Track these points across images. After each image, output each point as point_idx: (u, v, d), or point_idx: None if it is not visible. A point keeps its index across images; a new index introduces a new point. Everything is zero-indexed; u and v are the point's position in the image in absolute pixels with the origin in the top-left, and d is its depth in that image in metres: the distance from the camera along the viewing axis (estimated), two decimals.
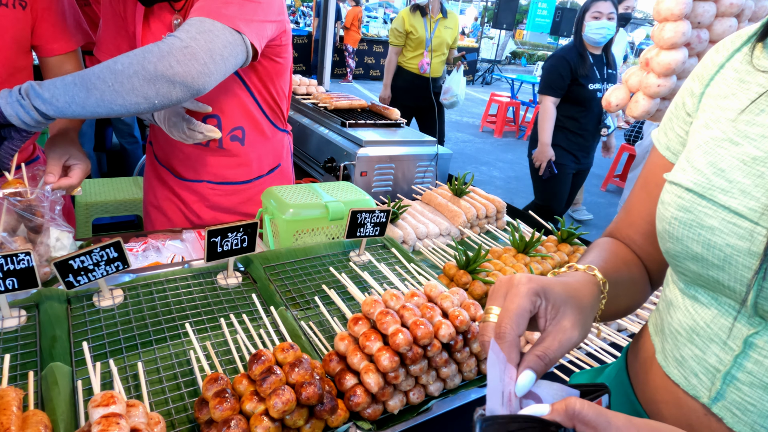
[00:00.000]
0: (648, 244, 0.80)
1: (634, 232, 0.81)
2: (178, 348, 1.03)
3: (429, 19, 4.39)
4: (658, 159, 0.76)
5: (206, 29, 1.16)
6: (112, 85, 1.06)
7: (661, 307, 0.73)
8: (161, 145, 1.61)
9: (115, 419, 0.73)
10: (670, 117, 0.74)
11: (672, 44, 0.91)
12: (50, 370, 0.90)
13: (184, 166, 1.60)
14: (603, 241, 0.83)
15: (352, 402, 0.91)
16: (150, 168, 1.67)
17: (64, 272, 1.02)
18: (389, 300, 1.03)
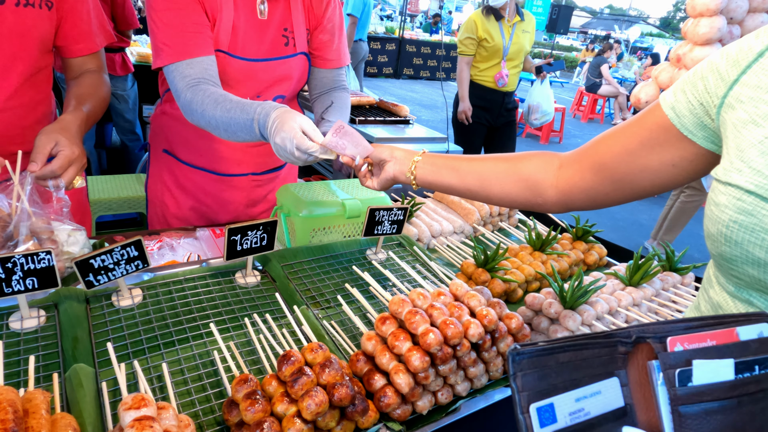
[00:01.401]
0: (594, 172, 0.85)
1: (587, 158, 0.87)
2: (201, 348, 1.02)
3: (505, 23, 3.72)
4: (657, 113, 0.74)
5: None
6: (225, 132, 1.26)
7: (705, 309, 0.72)
8: (193, 146, 1.58)
9: (148, 422, 0.72)
10: (685, 80, 0.72)
11: (707, 40, 0.90)
12: (74, 371, 0.89)
13: (226, 163, 1.60)
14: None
15: (382, 403, 0.90)
16: (165, 169, 1.63)
17: (84, 271, 1.00)
18: (416, 299, 1.01)
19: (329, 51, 1.58)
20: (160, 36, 1.30)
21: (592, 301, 1.26)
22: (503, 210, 1.86)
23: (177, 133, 1.58)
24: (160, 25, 1.30)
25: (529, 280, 1.46)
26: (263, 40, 1.44)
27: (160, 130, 1.61)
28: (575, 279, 1.23)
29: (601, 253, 1.68)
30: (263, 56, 1.45)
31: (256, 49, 1.44)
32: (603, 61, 10.89)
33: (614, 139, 0.82)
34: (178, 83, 1.29)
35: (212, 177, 1.60)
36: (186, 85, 1.28)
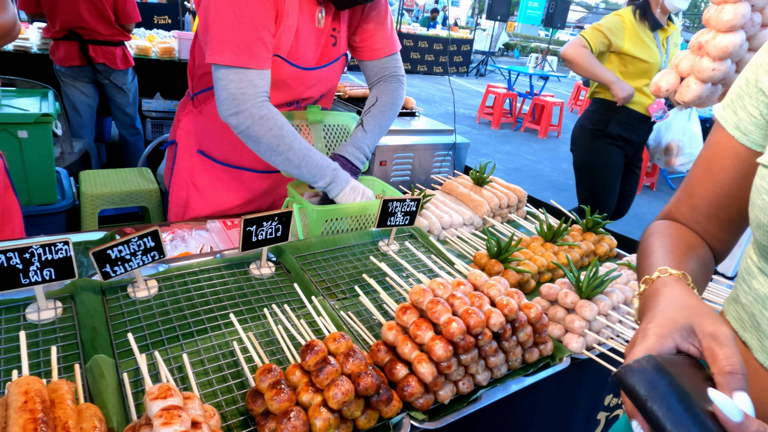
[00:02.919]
0: (713, 226, 0.78)
1: (699, 215, 0.79)
2: (220, 339, 1.01)
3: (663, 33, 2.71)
4: (725, 140, 0.73)
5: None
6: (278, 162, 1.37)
7: (746, 301, 0.70)
8: (229, 146, 1.57)
9: (176, 412, 0.71)
10: (739, 94, 0.71)
11: (731, 26, 0.89)
12: (95, 362, 0.88)
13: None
14: (662, 226, 0.81)
15: (405, 392, 0.90)
16: (196, 169, 1.60)
17: (102, 262, 0.99)
18: (436, 288, 1.01)
19: (376, 40, 1.56)
20: (227, 31, 1.24)
21: (608, 291, 1.26)
22: (512, 201, 1.86)
23: (215, 133, 1.56)
24: (227, 19, 1.24)
25: (541, 271, 1.46)
26: (318, 48, 1.45)
27: (193, 131, 1.57)
28: (591, 269, 1.23)
29: (612, 244, 1.68)
30: (316, 64, 1.46)
31: (311, 57, 1.45)
32: None
33: (711, 189, 0.76)
34: (248, 90, 1.27)
35: (247, 174, 1.60)
36: (258, 95, 1.29)
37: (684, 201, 0.81)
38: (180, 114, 1.57)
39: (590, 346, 1.20)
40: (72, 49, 3.35)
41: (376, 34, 1.55)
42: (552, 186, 6.33)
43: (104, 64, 3.48)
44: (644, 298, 0.65)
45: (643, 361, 0.49)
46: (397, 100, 1.64)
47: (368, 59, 1.61)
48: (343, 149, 1.54)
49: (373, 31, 1.54)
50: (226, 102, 1.28)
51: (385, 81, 1.64)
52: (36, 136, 2.42)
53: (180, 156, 1.57)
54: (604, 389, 1.38)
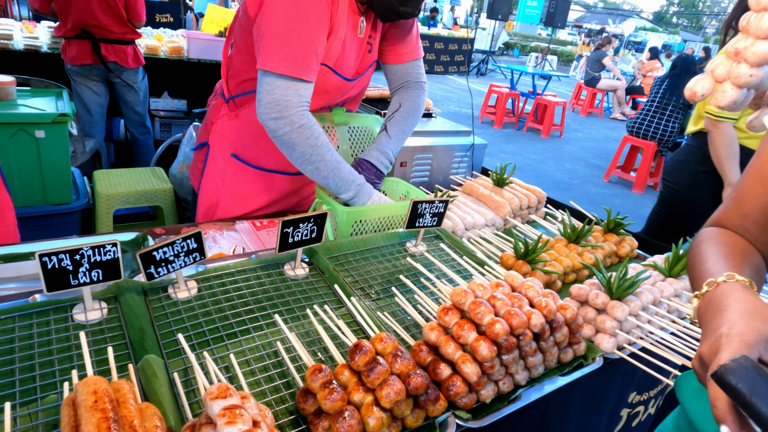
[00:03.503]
0: (764, 234, 0.80)
1: (749, 223, 0.81)
2: (263, 339, 1.03)
3: None
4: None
5: None
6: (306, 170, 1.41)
7: None
8: (263, 149, 1.59)
9: (238, 411, 0.73)
10: None
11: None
12: (146, 362, 0.89)
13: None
14: (713, 234, 0.83)
15: (451, 392, 0.92)
16: (229, 173, 1.62)
17: (147, 263, 1.01)
18: (476, 290, 1.03)
19: (401, 44, 1.59)
20: (285, 42, 1.26)
21: (637, 291, 1.28)
22: (532, 202, 1.88)
23: (250, 136, 1.57)
24: (286, 30, 1.26)
25: (566, 272, 1.48)
26: (359, 57, 1.48)
27: (228, 134, 1.58)
28: (621, 270, 1.25)
29: (633, 245, 1.70)
30: (355, 74, 1.49)
31: (353, 67, 1.48)
32: (604, 55, 10.92)
33: (754, 195, 0.78)
34: (293, 99, 1.30)
35: (279, 176, 1.61)
36: (301, 104, 1.31)
37: (734, 209, 0.83)
38: (214, 117, 1.58)
39: (621, 346, 1.22)
40: (84, 47, 3.36)
41: (404, 39, 1.57)
42: (556, 186, 6.36)
43: (116, 63, 3.48)
44: (708, 300, 0.67)
45: (741, 360, 0.52)
46: (419, 106, 1.66)
47: (393, 63, 1.63)
48: (368, 154, 1.56)
49: (401, 36, 1.56)
50: (269, 106, 1.30)
51: (407, 87, 1.66)
52: (53, 136, 2.43)
53: (212, 159, 1.58)
54: (629, 387, 1.40)
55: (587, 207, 1.84)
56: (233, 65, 1.50)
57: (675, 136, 6.12)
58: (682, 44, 25.95)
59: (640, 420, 1.55)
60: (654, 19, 51.68)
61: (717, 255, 0.74)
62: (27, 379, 0.84)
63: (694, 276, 0.76)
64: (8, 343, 0.90)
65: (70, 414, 0.71)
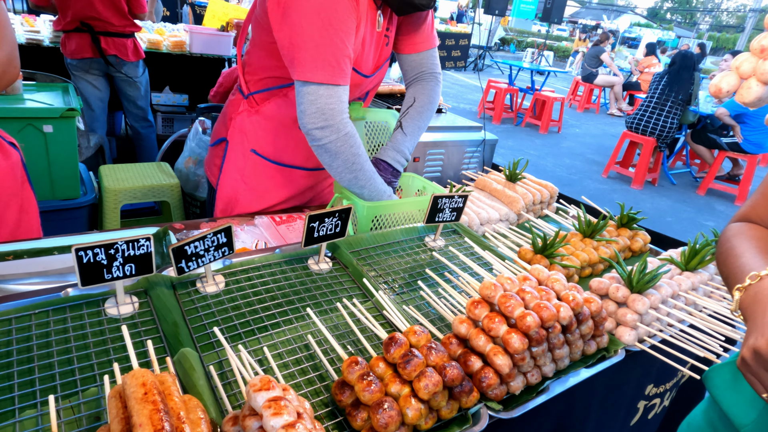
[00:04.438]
0: None
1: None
2: (293, 333, 1.03)
3: None
4: None
5: None
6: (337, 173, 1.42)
7: None
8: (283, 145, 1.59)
9: (283, 402, 0.74)
10: None
11: None
12: (183, 355, 0.90)
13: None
14: (743, 229, 0.84)
15: (483, 383, 0.93)
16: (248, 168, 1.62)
17: (179, 258, 1.01)
18: (504, 283, 1.04)
19: (416, 34, 1.58)
20: (320, 49, 1.26)
21: (657, 285, 1.29)
22: (545, 197, 1.89)
23: (270, 132, 1.57)
24: (319, 37, 1.25)
25: (582, 266, 1.50)
26: (378, 52, 1.48)
27: (248, 129, 1.58)
28: (641, 264, 1.27)
29: (646, 239, 1.72)
30: (373, 70, 1.49)
31: (372, 63, 1.48)
32: (602, 51, 10.95)
33: None
34: (337, 106, 1.31)
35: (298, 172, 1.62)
36: (344, 110, 1.34)
37: (762, 204, 0.84)
38: (232, 113, 1.57)
39: (641, 339, 1.24)
40: (84, 41, 3.32)
41: (418, 28, 1.57)
42: (556, 181, 6.38)
43: (116, 56, 3.45)
44: (755, 292, 0.68)
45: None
46: (434, 99, 1.67)
47: (408, 53, 1.63)
48: (384, 154, 1.56)
49: (416, 26, 1.56)
50: (314, 116, 1.30)
51: (422, 79, 1.66)
52: (61, 131, 2.42)
53: (231, 154, 1.58)
54: (647, 379, 1.42)
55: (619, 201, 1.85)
56: (251, 61, 1.50)
57: (674, 132, 6.16)
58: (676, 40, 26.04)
59: (655, 412, 1.58)
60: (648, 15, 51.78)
61: (752, 250, 0.75)
62: (66, 373, 0.85)
63: (728, 269, 0.78)
64: (45, 337, 0.90)
65: (118, 406, 0.71)
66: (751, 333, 0.64)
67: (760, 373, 0.60)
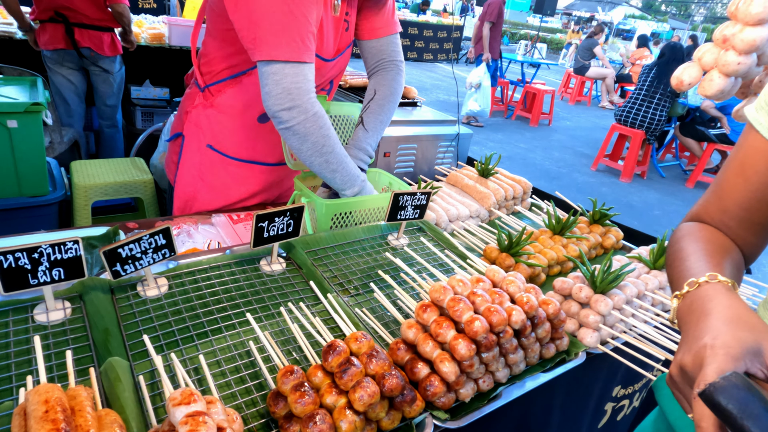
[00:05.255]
0: (744, 230, 0.77)
1: (729, 218, 0.78)
2: (235, 338, 0.99)
3: None
4: (759, 143, 0.72)
5: None
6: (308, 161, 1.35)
7: None
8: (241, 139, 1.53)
9: (201, 418, 0.69)
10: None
11: (759, 20, 0.88)
12: (110, 365, 0.85)
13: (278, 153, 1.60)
14: (693, 229, 0.80)
15: (428, 392, 0.89)
16: (206, 165, 1.56)
17: (112, 261, 0.96)
18: (456, 286, 1.00)
19: (375, 18, 1.52)
20: (283, 26, 1.19)
21: (621, 284, 1.25)
22: (518, 193, 1.85)
23: (226, 126, 1.51)
24: (281, 14, 1.19)
25: (551, 264, 1.46)
26: (337, 36, 1.43)
27: (203, 124, 1.52)
28: (605, 263, 1.23)
29: (618, 236, 1.68)
30: (334, 54, 1.43)
31: (331, 47, 1.42)
32: (595, 44, 10.89)
33: (744, 193, 0.74)
34: (303, 85, 1.24)
35: (257, 167, 1.56)
36: (311, 90, 1.26)
37: (714, 204, 0.80)
38: (188, 106, 1.52)
39: (604, 340, 1.20)
40: (57, 31, 3.24)
41: (377, 12, 1.51)
42: (544, 174, 6.35)
43: (90, 49, 3.37)
44: (690, 302, 0.64)
45: (732, 378, 0.48)
46: (396, 90, 1.61)
47: (367, 38, 1.57)
48: (350, 153, 1.51)
49: (375, 10, 1.51)
50: (280, 97, 1.23)
51: (383, 68, 1.61)
52: (26, 126, 2.35)
53: (187, 150, 1.52)
54: (613, 381, 1.38)
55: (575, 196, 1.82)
56: (206, 52, 1.44)
57: (662, 125, 6.13)
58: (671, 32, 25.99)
59: (624, 413, 1.54)
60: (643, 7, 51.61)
61: (698, 252, 0.71)
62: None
63: (673, 274, 0.73)
64: None
65: (20, 424, 0.67)
66: (680, 347, 0.59)
67: (685, 390, 0.56)
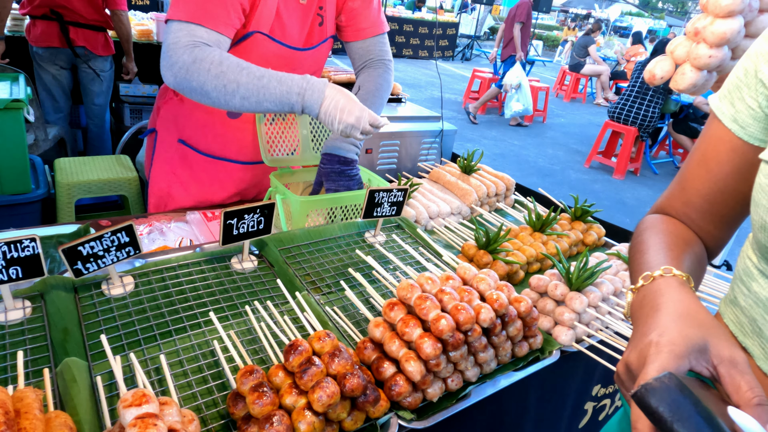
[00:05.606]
0: (707, 222, 0.75)
1: (692, 210, 0.76)
2: (199, 338, 0.97)
3: None
4: (721, 132, 0.70)
5: None
6: (244, 100, 1.20)
7: (746, 304, 0.67)
8: (212, 136, 1.49)
9: (151, 420, 0.67)
10: (737, 85, 0.67)
11: (729, 12, 0.86)
12: (66, 365, 0.83)
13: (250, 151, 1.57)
14: (656, 221, 0.78)
15: (393, 391, 0.87)
16: (178, 160, 1.52)
17: (72, 259, 0.94)
18: (425, 283, 0.98)
19: (362, 19, 1.49)
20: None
21: (597, 282, 1.24)
22: (500, 190, 1.83)
23: (196, 122, 1.48)
24: None
25: (530, 262, 1.44)
26: (304, 26, 1.39)
27: (175, 119, 1.49)
28: (581, 260, 1.21)
29: (600, 233, 1.66)
30: (305, 44, 1.40)
31: (297, 36, 1.38)
32: (591, 42, 10.88)
33: (706, 184, 0.73)
34: (183, 39, 1.13)
35: (231, 165, 1.54)
36: (193, 43, 1.13)
37: (677, 196, 0.78)
38: (160, 101, 1.49)
39: (580, 339, 1.18)
40: (51, 29, 3.20)
41: (362, 12, 1.49)
42: (538, 172, 6.34)
43: (84, 48, 3.34)
44: (643, 296, 0.62)
45: (665, 380, 0.46)
46: (382, 86, 1.58)
47: (353, 40, 1.55)
48: (333, 145, 1.45)
49: (359, 10, 1.48)
50: (162, 59, 1.15)
51: (370, 66, 1.58)
52: (6, 123, 2.32)
53: (160, 145, 1.50)
54: (592, 380, 1.37)
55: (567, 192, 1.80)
56: None
57: (655, 122, 6.12)
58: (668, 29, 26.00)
59: (607, 413, 1.53)
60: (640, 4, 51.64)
61: (658, 245, 0.69)
62: None
63: (633, 267, 0.72)
64: None
65: None
66: (629, 344, 0.58)
67: (630, 388, 0.54)
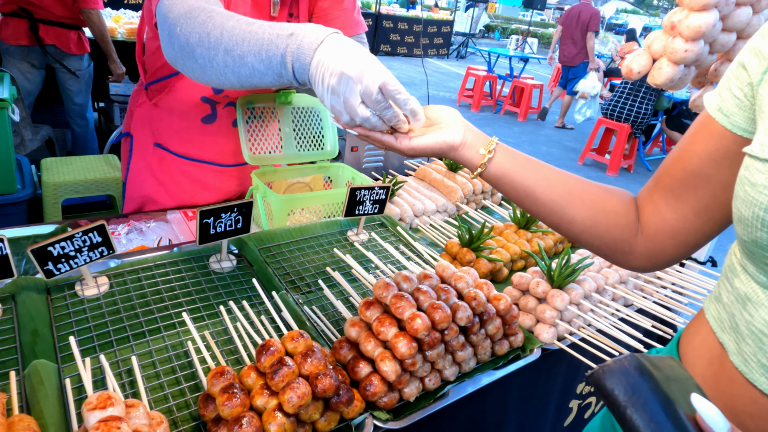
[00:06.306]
0: (665, 201, 0.73)
1: (658, 188, 0.74)
2: (173, 339, 0.96)
3: None
4: (704, 119, 0.69)
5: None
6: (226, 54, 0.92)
7: (728, 300, 0.66)
8: (189, 138, 1.47)
9: (114, 423, 0.66)
10: (728, 77, 0.66)
11: (704, 5, 0.85)
12: (34, 368, 0.82)
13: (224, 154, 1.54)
14: None
15: (368, 392, 0.86)
16: (155, 164, 1.50)
17: (43, 260, 0.93)
18: (402, 282, 0.97)
19: (331, 19, 1.42)
20: None
21: (580, 279, 1.23)
22: (486, 187, 1.82)
23: (170, 126, 1.46)
24: None
25: (514, 259, 1.43)
26: (270, 18, 1.36)
27: (149, 122, 1.47)
28: (563, 257, 1.20)
29: None
30: None
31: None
32: None
33: (677, 163, 0.71)
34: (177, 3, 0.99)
35: (211, 168, 1.52)
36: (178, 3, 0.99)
37: (649, 184, 0.77)
38: (133, 105, 1.47)
39: (561, 336, 1.18)
40: (21, 26, 3.16)
41: (332, 13, 1.44)
42: None
43: (55, 47, 3.29)
44: None
45: (625, 362, 0.44)
46: None
47: None
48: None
49: (329, 10, 1.44)
50: (160, 29, 1.03)
51: None
52: None
53: (137, 149, 1.48)
54: (576, 378, 1.36)
55: None
56: (148, 48, 1.40)
57: (648, 118, 6.13)
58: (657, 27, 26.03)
59: (593, 411, 1.52)
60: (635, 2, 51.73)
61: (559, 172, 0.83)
62: None
63: None
64: None
65: None
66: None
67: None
